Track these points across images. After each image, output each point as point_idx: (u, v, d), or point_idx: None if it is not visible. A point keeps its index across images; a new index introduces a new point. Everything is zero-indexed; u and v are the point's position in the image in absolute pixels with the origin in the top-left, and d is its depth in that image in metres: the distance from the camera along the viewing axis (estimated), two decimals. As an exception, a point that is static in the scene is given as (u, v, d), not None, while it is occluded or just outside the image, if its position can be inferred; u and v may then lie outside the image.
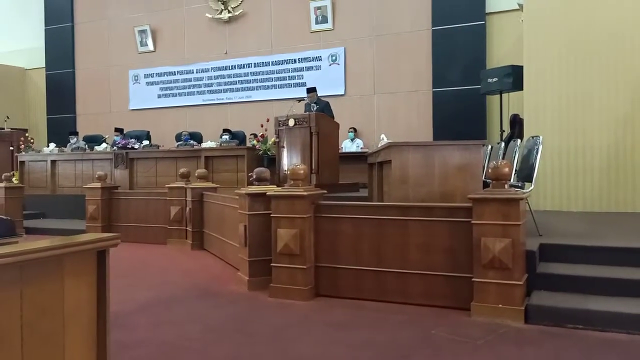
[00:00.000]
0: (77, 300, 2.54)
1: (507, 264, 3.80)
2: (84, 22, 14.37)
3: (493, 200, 3.85)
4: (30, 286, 2.31)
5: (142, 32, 13.55)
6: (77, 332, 2.53)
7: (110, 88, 14.14)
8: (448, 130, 9.97)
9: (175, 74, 13.37)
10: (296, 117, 7.52)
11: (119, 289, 4.40)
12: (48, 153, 11.07)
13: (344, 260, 4.54)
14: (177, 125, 12.54)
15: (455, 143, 4.89)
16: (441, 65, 10.64)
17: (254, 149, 9.15)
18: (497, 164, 3.93)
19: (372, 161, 6.87)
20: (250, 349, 3.41)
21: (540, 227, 4.86)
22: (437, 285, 4.20)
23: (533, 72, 7.33)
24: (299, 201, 4.53)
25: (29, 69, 15.47)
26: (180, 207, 7.60)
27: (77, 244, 2.49)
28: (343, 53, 11.64)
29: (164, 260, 6.67)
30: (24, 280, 2.28)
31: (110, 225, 8.23)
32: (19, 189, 9.34)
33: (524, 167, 5.23)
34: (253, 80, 12.56)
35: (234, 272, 5.53)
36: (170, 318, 4.11)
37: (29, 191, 10.35)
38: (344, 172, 8.42)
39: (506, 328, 3.67)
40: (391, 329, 3.76)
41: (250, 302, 4.53)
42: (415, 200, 4.68)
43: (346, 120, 10.59)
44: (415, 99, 10.99)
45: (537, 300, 3.89)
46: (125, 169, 10.08)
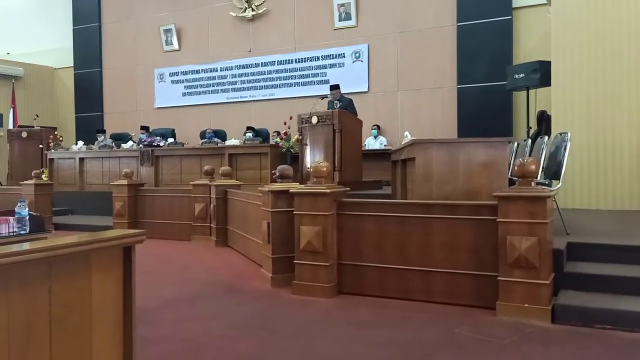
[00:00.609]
0: (104, 296, 2.57)
1: (534, 262, 3.74)
2: (110, 22, 14.58)
3: (519, 198, 3.80)
4: (59, 282, 2.35)
5: (168, 31, 13.69)
6: (103, 328, 2.57)
7: (136, 87, 14.33)
8: (473, 127, 9.85)
9: (200, 72, 13.49)
10: (319, 114, 7.52)
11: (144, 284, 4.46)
12: (76, 151, 11.26)
13: (367, 258, 4.52)
14: (201, 123, 12.64)
15: (479, 140, 4.83)
16: (466, 61, 10.52)
17: (277, 147, 9.17)
18: (524, 161, 3.87)
19: (396, 158, 6.84)
20: (272, 346, 3.42)
21: (568, 226, 4.77)
22: (461, 283, 4.16)
23: (561, 68, 7.20)
24: (322, 198, 4.53)
25: (57, 68, 15.76)
26: (205, 204, 7.66)
27: (103, 240, 2.53)
28: (366, 50, 11.60)
29: (188, 256, 6.74)
30: (53, 276, 2.32)
31: (136, 222, 8.35)
32: (48, 186, 9.52)
33: (551, 165, 5.14)
34: (276, 78, 12.60)
35: (257, 268, 5.56)
36: (194, 314, 4.14)
37: (58, 188, 10.54)
38: (367, 169, 8.39)
39: (532, 328, 3.62)
40: (414, 327, 3.74)
41: (273, 299, 4.55)
42: (439, 198, 4.64)
43: (370, 118, 10.56)
44: (440, 96, 10.90)
45: (564, 299, 3.82)
46: (150, 166, 10.20)
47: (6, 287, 2.13)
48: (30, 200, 8.74)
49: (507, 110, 10.13)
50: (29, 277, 2.22)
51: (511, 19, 10.21)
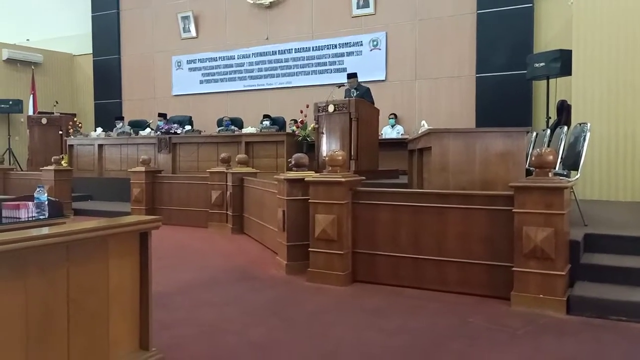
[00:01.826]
0: (121, 280, 2.63)
1: (550, 253, 3.71)
2: (129, 8, 14.63)
3: (536, 188, 3.76)
4: (77, 266, 2.40)
5: (185, 19, 13.71)
6: (121, 311, 2.62)
7: (154, 74, 14.39)
8: (491, 116, 9.75)
9: (217, 59, 13.50)
10: (336, 103, 7.49)
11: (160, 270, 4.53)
12: (95, 137, 11.37)
13: (382, 246, 4.53)
14: (218, 110, 12.68)
15: (497, 130, 4.79)
16: (485, 50, 10.40)
17: (293, 135, 9.18)
18: (541, 151, 3.83)
19: (412, 148, 6.81)
20: (286, 332, 3.45)
21: (586, 217, 4.72)
22: (475, 273, 4.15)
23: (582, 57, 7.08)
24: (337, 187, 4.53)
25: (76, 55, 15.87)
26: (221, 191, 7.71)
27: (120, 226, 2.57)
28: (384, 38, 11.51)
29: (204, 243, 6.80)
30: (71, 259, 2.37)
31: (153, 208, 8.43)
32: (67, 172, 9.66)
33: (570, 155, 5.08)
34: (293, 66, 12.57)
35: (272, 256, 5.59)
36: (210, 299, 4.19)
37: (77, 174, 10.67)
38: (383, 158, 8.36)
39: (547, 319, 3.60)
40: (427, 316, 3.74)
41: (287, 286, 4.58)
42: (455, 187, 4.62)
43: (387, 106, 10.51)
44: (458, 85, 10.80)
45: (580, 291, 3.80)
46: (168, 153, 10.27)
47: (25, 271, 2.19)
48: (50, 185, 8.87)
49: (526, 99, 10.01)
50: (47, 261, 2.27)
51: (532, 7, 10.05)
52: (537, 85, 9.76)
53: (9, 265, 2.12)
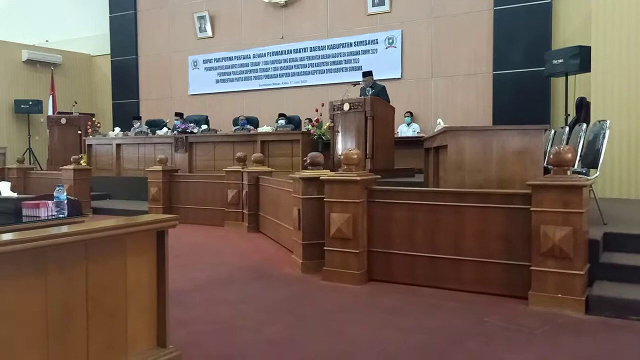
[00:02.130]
0: (138, 278, 2.65)
1: (568, 252, 3.67)
2: (145, 9, 14.76)
3: (554, 187, 3.72)
4: (95, 264, 2.43)
5: (201, 18, 13.79)
6: (138, 308, 2.65)
7: (171, 74, 14.50)
8: (509, 114, 9.67)
9: (233, 59, 13.56)
10: (351, 101, 7.49)
11: (177, 268, 4.57)
12: (113, 137, 11.48)
13: (398, 245, 4.51)
14: (234, 109, 12.75)
15: (514, 128, 4.75)
16: (503, 46, 10.30)
17: (309, 134, 9.18)
18: (559, 149, 3.79)
19: (428, 146, 6.78)
20: (302, 330, 3.46)
21: (605, 216, 4.66)
22: (492, 272, 4.11)
23: (601, 53, 6.99)
24: (352, 186, 4.53)
25: (95, 55, 16.06)
26: (237, 190, 7.74)
27: (137, 225, 2.60)
28: (400, 36, 11.47)
29: (220, 241, 6.84)
30: (89, 257, 2.40)
31: (170, 207, 8.49)
32: (86, 171, 9.74)
33: (589, 153, 5.01)
34: (309, 64, 12.58)
35: (288, 254, 5.61)
36: (226, 297, 4.21)
37: (96, 173, 10.80)
38: (400, 157, 8.33)
39: (565, 318, 3.56)
40: (444, 315, 3.73)
41: (303, 285, 4.59)
42: (471, 186, 4.59)
43: (403, 105, 10.47)
44: (474, 83, 10.72)
45: (599, 290, 3.75)
46: (185, 152, 10.34)
47: (45, 269, 2.22)
48: (69, 185, 8.99)
49: (544, 97, 9.90)
50: (67, 258, 2.31)
51: (550, 2, 9.92)
52: (556, 82, 9.65)
53: (30, 263, 2.15)
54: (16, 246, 2.06)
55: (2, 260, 2.04)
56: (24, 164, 11.24)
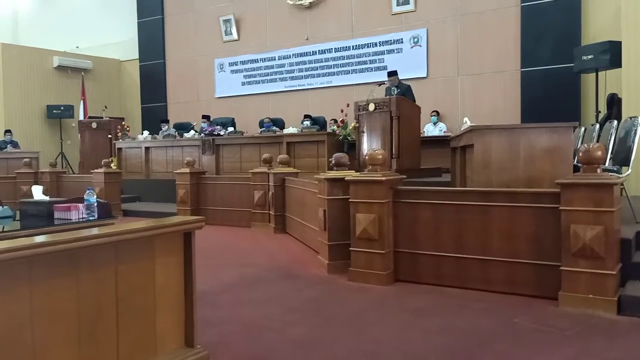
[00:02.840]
0: (167, 278, 2.70)
1: (599, 252, 3.60)
2: (172, 14, 14.94)
3: (583, 185, 3.65)
4: (124, 264, 2.48)
5: (227, 22, 13.91)
6: (166, 308, 2.69)
7: (197, 77, 14.66)
8: (537, 112, 9.50)
9: (258, 61, 13.65)
10: (376, 101, 7.47)
11: (205, 269, 4.62)
12: (142, 140, 11.67)
13: (424, 245, 4.49)
14: (260, 111, 12.81)
15: (541, 125, 4.68)
16: (530, 43, 10.14)
17: (334, 135, 9.19)
18: (589, 146, 3.72)
19: (455, 145, 6.72)
20: (328, 331, 3.46)
21: (638, 214, 4.55)
22: (520, 273, 4.06)
23: (632, 48, 6.83)
24: (377, 186, 4.52)
25: (123, 60, 16.33)
26: (264, 191, 7.79)
27: (164, 226, 2.64)
28: (425, 34, 11.39)
29: (247, 242, 6.89)
30: (119, 258, 2.45)
31: (198, 209, 8.58)
32: (117, 174, 9.96)
33: (620, 150, 4.91)
34: (334, 65, 12.57)
35: (314, 255, 5.62)
36: (253, 298, 4.25)
37: (126, 176, 10.99)
38: (426, 156, 8.29)
39: (597, 319, 3.50)
40: (471, 316, 3.69)
41: (329, 285, 4.59)
42: (498, 185, 4.54)
43: (429, 104, 10.39)
44: (501, 80, 10.58)
45: (632, 290, 3.67)
46: (212, 154, 10.45)
47: (77, 268, 2.28)
48: (100, 188, 9.17)
49: (574, 94, 9.71)
50: (97, 259, 2.36)
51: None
52: (586, 79, 9.46)
53: (62, 264, 2.22)
54: (49, 248, 2.12)
55: (36, 261, 2.10)
56: (57, 168, 11.46)
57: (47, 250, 2.11)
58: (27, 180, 10.42)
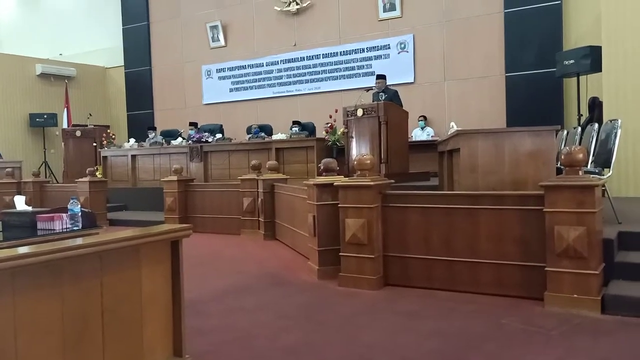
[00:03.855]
0: (154, 288, 2.67)
1: (582, 252, 3.65)
2: (158, 20, 14.90)
3: (566, 187, 3.71)
4: (110, 274, 2.45)
5: (214, 28, 13.90)
6: (154, 318, 2.67)
7: (184, 84, 14.62)
8: (522, 116, 9.61)
9: (246, 67, 13.65)
10: (364, 107, 7.51)
11: (194, 277, 4.61)
12: (128, 148, 11.57)
13: (413, 249, 4.52)
14: (248, 118, 12.81)
15: (525, 129, 4.74)
16: (514, 48, 10.27)
17: (323, 140, 9.20)
18: (571, 149, 3.78)
19: (442, 149, 6.77)
20: (319, 337, 3.47)
21: (620, 215, 4.62)
22: (508, 274, 4.10)
23: (612, 53, 6.94)
24: (366, 191, 4.54)
25: (109, 67, 16.21)
26: (253, 198, 7.78)
27: (150, 235, 2.63)
28: (412, 40, 11.47)
29: (237, 250, 6.88)
30: (104, 269, 2.43)
31: (186, 217, 8.54)
32: (102, 183, 9.80)
33: (601, 152, 4.98)
34: (322, 71, 12.61)
35: (304, 261, 5.63)
36: (243, 306, 4.24)
37: (112, 185, 10.88)
38: (414, 161, 8.32)
39: (582, 319, 3.55)
40: (461, 318, 3.72)
41: (319, 291, 4.60)
42: (485, 188, 4.58)
43: (416, 109, 10.46)
44: (487, 85, 10.68)
45: (614, 290, 3.73)
46: (200, 162, 10.42)
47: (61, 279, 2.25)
48: (85, 197, 9.06)
49: (557, 97, 9.84)
50: (81, 270, 2.34)
51: (560, 3, 9.87)
52: (568, 83, 9.59)
53: (46, 275, 2.18)
54: (32, 259, 2.09)
55: (19, 273, 2.08)
56: (40, 178, 11.25)
57: (30, 262, 2.07)
58: (10, 190, 10.23)
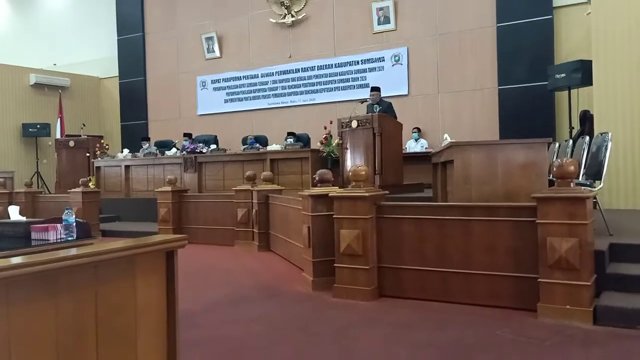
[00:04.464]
0: (148, 299, 2.66)
1: (574, 264, 3.68)
2: (153, 31, 14.93)
3: (558, 199, 3.75)
4: (105, 285, 2.44)
5: (209, 39, 13.95)
6: (148, 329, 2.65)
7: (179, 94, 14.63)
8: (515, 128, 9.68)
9: (241, 78, 13.69)
10: (359, 118, 7.54)
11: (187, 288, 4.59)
12: (122, 158, 11.52)
13: (407, 260, 4.53)
14: (243, 129, 12.82)
15: (518, 141, 4.79)
16: (506, 62, 10.37)
17: (318, 151, 9.22)
18: (562, 162, 3.82)
19: (436, 161, 6.81)
20: (314, 348, 3.47)
21: (611, 227, 4.67)
22: (501, 285, 4.12)
23: (602, 67, 7.04)
24: (361, 202, 4.56)
25: (103, 78, 16.19)
26: (247, 209, 7.78)
27: (146, 245, 2.62)
28: (406, 53, 11.56)
29: (231, 261, 6.87)
30: (99, 279, 2.42)
31: (180, 228, 8.50)
32: (95, 194, 9.67)
33: (593, 165, 5.04)
34: (317, 82, 12.67)
35: (298, 272, 5.63)
36: (237, 317, 4.24)
37: (105, 195, 10.81)
38: (409, 172, 8.36)
39: (574, 329, 3.57)
40: (455, 329, 3.73)
41: (314, 302, 4.60)
42: (478, 200, 4.62)
43: (410, 120, 10.52)
44: (480, 98, 10.77)
45: (606, 301, 3.76)
46: (194, 172, 10.41)
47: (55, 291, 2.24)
48: (78, 207, 8.97)
49: (549, 110, 9.93)
50: (76, 281, 2.32)
51: (551, 18, 10.00)
52: (559, 96, 9.69)
53: (40, 286, 2.17)
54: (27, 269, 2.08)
55: (13, 283, 2.07)
56: (32, 188, 11.16)
57: (25, 272, 2.07)
58: (1, 201, 10.16)
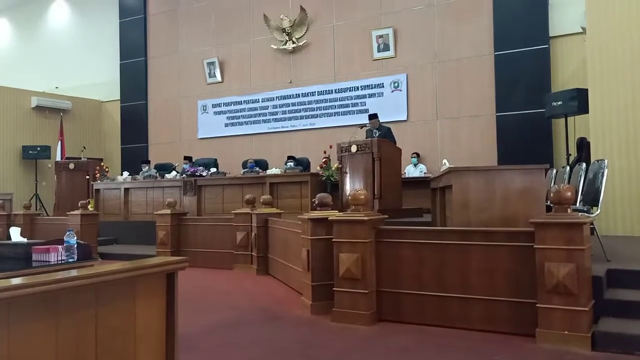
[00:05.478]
0: (148, 321, 2.66)
1: (572, 289, 3.70)
2: (156, 56, 15.11)
3: (555, 224, 3.78)
4: (105, 307, 2.45)
5: (211, 64, 14.11)
6: (147, 352, 2.65)
7: (180, 118, 14.74)
8: (513, 154, 9.78)
9: (242, 103, 13.82)
10: (358, 143, 7.61)
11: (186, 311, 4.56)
12: (121, 181, 11.52)
13: (406, 285, 4.54)
14: (243, 153, 12.88)
15: (516, 167, 4.84)
16: (504, 89, 10.51)
17: (317, 175, 9.27)
18: (559, 187, 3.86)
19: (435, 186, 6.86)
20: (311, 372, 3.46)
21: (609, 252, 4.69)
22: (500, 310, 4.13)
23: (598, 95, 7.14)
24: (360, 226, 4.59)
25: (104, 101, 16.32)
26: (246, 232, 7.78)
27: (147, 267, 2.63)
28: (405, 79, 11.70)
29: (229, 284, 6.85)
30: (99, 301, 2.42)
31: (179, 251, 8.47)
32: (94, 216, 9.64)
33: (589, 191, 5.08)
34: (317, 108, 12.79)
35: (297, 296, 5.62)
36: (235, 341, 4.22)
37: (104, 218, 10.79)
38: (408, 197, 8.39)
39: (572, 355, 3.56)
40: (453, 354, 3.73)
41: (313, 326, 4.59)
42: (476, 225, 4.64)
43: (409, 146, 10.61)
44: (478, 124, 10.87)
45: (604, 326, 3.76)
46: (193, 195, 10.42)
47: (56, 311, 2.25)
48: (76, 230, 8.93)
49: (546, 137, 10.03)
50: (77, 302, 2.33)
51: (548, 47, 10.18)
52: (557, 123, 9.79)
53: (42, 307, 2.18)
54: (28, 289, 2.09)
55: (13, 304, 2.07)
56: (31, 210, 11.13)
57: (27, 292, 2.07)
58: (0, 222, 10.19)
